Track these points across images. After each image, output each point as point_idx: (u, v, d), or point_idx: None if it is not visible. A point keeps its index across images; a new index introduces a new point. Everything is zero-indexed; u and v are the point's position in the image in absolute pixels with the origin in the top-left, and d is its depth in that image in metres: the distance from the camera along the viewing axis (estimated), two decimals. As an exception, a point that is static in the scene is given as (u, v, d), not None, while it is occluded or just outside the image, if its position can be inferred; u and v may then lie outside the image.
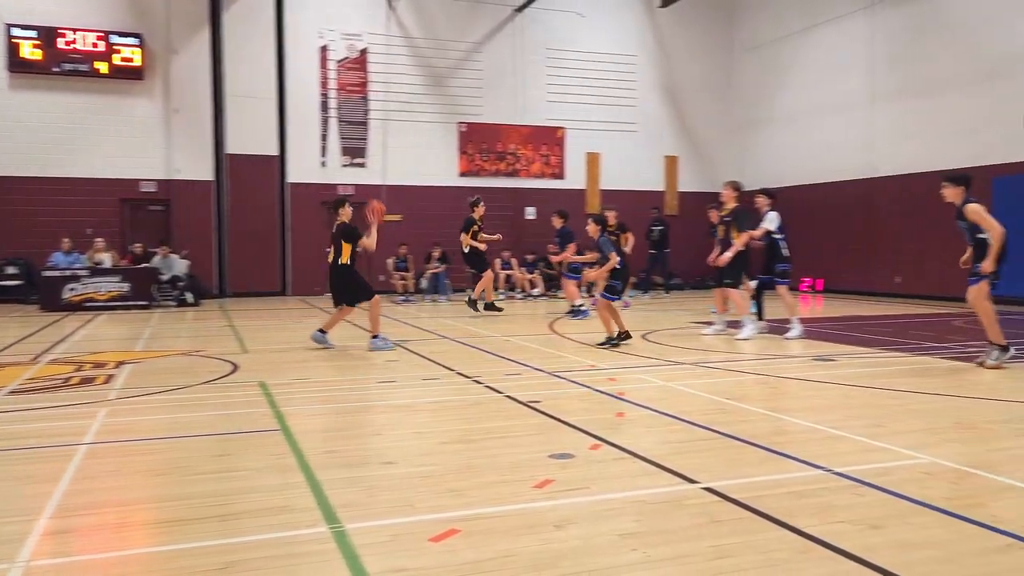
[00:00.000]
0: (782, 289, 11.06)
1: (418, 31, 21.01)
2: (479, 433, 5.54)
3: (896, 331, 11.57)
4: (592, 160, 22.37)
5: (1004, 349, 8.16)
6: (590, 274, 11.13)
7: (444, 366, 8.50)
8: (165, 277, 17.10)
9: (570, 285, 14.21)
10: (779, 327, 11.23)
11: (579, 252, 12.57)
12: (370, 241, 9.92)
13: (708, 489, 4.16)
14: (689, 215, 23.03)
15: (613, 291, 9.98)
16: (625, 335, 9.94)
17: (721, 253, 10.99)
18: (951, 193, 8.42)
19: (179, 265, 17.56)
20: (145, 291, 16.43)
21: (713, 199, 23.13)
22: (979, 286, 8.13)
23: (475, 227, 14.44)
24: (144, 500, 4.16)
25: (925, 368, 8.29)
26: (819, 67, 20.54)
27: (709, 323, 11.67)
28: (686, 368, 8.34)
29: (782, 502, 3.95)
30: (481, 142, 21.39)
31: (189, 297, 17.04)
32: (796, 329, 10.70)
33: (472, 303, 14.59)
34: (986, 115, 16.09)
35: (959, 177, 8.46)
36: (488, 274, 14.36)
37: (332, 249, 9.98)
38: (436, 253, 18.98)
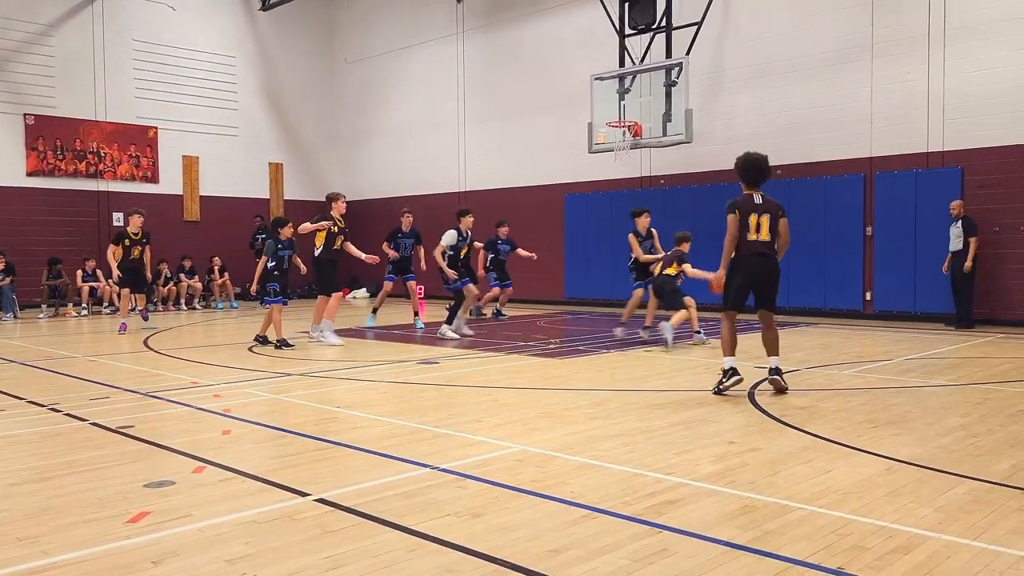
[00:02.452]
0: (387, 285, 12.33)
1: (-31, 4, 17.90)
2: (58, 468, 4.85)
3: (491, 333, 12.63)
4: (190, 164, 21.00)
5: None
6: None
7: (10, 395, 7.32)
8: None
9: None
10: (389, 333, 11.58)
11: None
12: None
13: (320, 500, 4.11)
14: (296, 224, 22.78)
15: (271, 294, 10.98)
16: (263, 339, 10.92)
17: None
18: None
19: None
20: None
21: (320, 208, 23.25)
22: None
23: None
24: None
25: (516, 365, 9.16)
26: (418, 85, 21.69)
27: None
28: (295, 379, 8.20)
29: (392, 504, 4.05)
30: (55, 138, 18.84)
31: None
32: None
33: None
34: (557, 140, 18.35)
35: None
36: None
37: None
38: (-1, 264, 16.30)
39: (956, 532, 3.60)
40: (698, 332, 10.78)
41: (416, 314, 13.57)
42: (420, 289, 14.72)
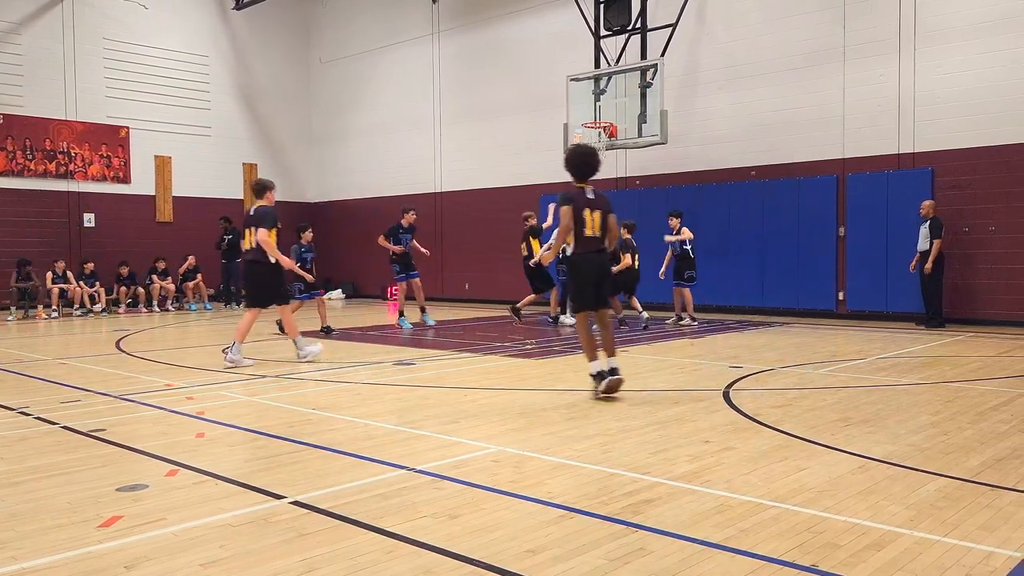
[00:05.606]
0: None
1: (-65, 1, 17.58)
2: (27, 473, 4.77)
3: (466, 333, 12.62)
4: (162, 164, 20.77)
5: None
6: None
7: (-20, 398, 7.20)
8: None
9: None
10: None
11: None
12: None
13: (296, 503, 4.08)
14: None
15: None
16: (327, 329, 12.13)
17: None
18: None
19: None
20: None
21: (293, 208, 23.12)
22: None
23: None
24: None
25: (493, 366, 9.15)
26: (394, 85, 21.63)
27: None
28: (270, 381, 8.14)
29: (368, 506, 4.03)
30: (25, 138, 18.55)
31: None
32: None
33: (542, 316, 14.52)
34: (532, 141, 18.37)
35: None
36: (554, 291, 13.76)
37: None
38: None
39: (927, 528, 3.65)
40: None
41: (423, 310, 13.81)
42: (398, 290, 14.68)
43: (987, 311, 12.99)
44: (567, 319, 13.35)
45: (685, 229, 13.55)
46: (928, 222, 12.67)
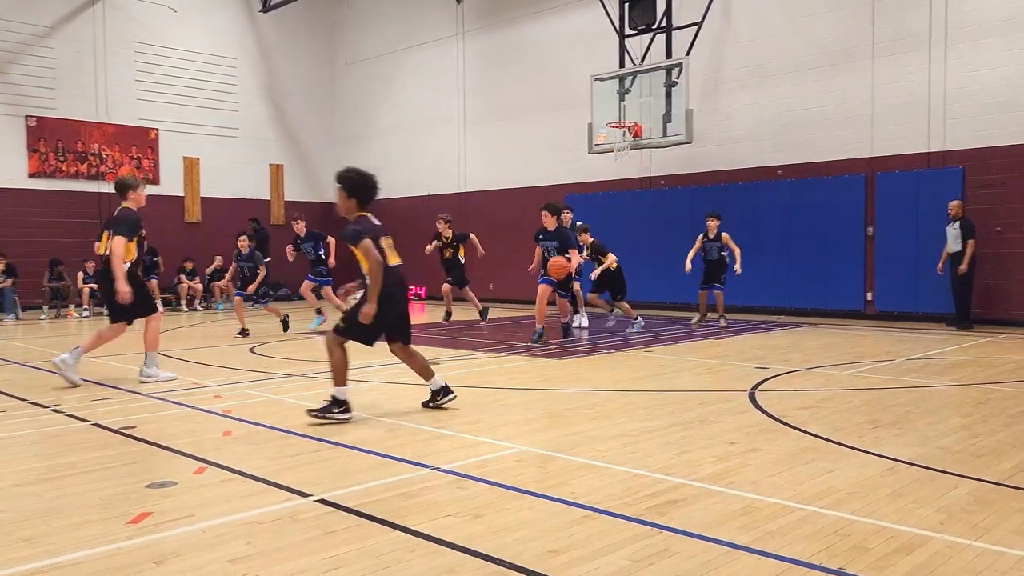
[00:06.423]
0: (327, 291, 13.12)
1: (-31, 6, 17.91)
2: (60, 469, 4.85)
3: (491, 333, 12.63)
4: (191, 165, 21.01)
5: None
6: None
7: (13, 396, 7.33)
8: None
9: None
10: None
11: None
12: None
13: (321, 501, 4.11)
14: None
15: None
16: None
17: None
18: (547, 220, 11.07)
19: None
20: None
21: (318, 209, 23.28)
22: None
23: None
24: None
25: (516, 365, 9.15)
26: (418, 86, 21.70)
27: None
28: (296, 380, 8.20)
29: (393, 504, 4.05)
30: (56, 140, 18.86)
31: None
32: None
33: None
34: (557, 141, 18.34)
35: (554, 207, 11.13)
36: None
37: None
38: (0, 265, 16.31)
39: (958, 532, 3.59)
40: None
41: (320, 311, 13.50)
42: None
43: (1020, 312, 12.77)
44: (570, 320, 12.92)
45: (727, 236, 12.95)
46: (957, 222, 12.48)
